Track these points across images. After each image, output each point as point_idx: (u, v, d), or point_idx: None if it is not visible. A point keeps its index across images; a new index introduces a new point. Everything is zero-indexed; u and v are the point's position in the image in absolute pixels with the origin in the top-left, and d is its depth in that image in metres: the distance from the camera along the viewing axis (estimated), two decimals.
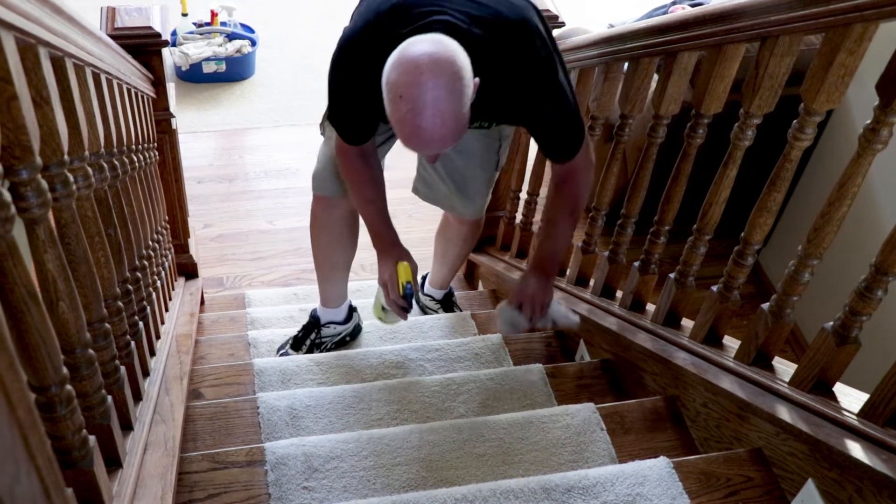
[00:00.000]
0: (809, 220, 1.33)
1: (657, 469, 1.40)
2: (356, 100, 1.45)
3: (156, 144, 2.03)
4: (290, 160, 3.59)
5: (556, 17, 2.16)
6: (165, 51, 1.96)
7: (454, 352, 2.00)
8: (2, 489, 0.44)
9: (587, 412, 1.61)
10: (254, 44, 4.09)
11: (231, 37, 4.08)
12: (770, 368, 1.49)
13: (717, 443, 1.54)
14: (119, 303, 1.24)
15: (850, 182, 1.25)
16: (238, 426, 1.63)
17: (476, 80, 1.27)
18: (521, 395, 1.78)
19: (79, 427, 0.96)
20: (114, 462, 1.13)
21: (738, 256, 1.52)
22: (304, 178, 2.12)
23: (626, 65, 1.86)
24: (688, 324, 1.73)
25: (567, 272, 2.20)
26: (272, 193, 3.44)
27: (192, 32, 4.06)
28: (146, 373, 1.46)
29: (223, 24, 4.11)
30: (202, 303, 2.56)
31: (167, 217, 2.18)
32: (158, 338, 1.67)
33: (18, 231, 0.77)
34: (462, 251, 2.26)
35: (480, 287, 2.81)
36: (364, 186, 1.64)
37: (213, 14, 4.09)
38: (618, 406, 1.65)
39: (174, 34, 4.01)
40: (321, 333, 2.12)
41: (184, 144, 2.45)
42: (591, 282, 2.10)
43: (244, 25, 4.21)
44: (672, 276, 1.71)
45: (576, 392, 1.82)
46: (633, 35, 1.73)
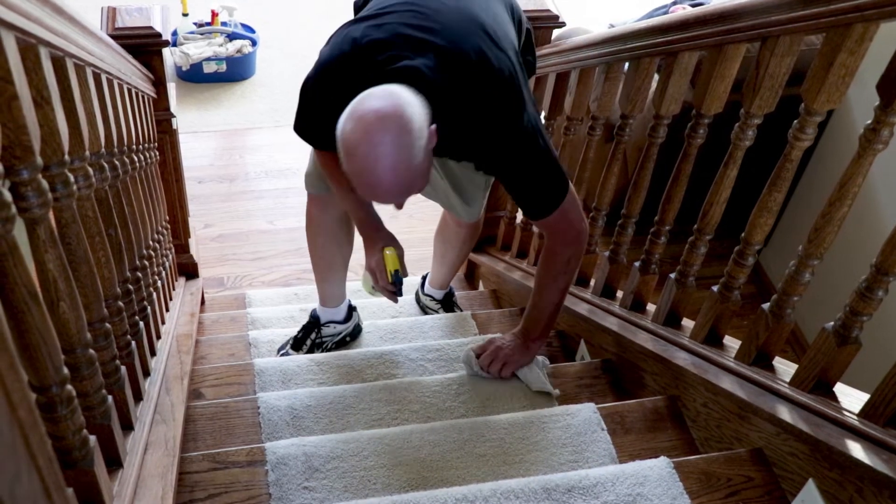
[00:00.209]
0: (810, 221, 1.33)
1: (658, 469, 1.40)
2: (322, 121, 1.44)
3: (156, 144, 2.03)
4: (291, 160, 3.59)
5: (557, 17, 2.16)
6: (166, 51, 1.96)
7: (455, 352, 2.00)
8: (2, 489, 0.44)
9: (588, 412, 1.61)
10: (254, 44, 4.09)
11: (232, 37, 4.08)
12: (771, 368, 1.49)
13: (718, 443, 1.54)
14: (120, 303, 1.24)
15: (851, 182, 1.25)
16: (239, 426, 1.63)
17: (432, 128, 1.28)
18: (522, 395, 1.78)
19: (79, 427, 0.96)
20: (114, 462, 1.13)
21: (739, 256, 1.52)
22: None
23: (627, 65, 1.86)
24: (688, 324, 1.73)
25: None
26: (273, 193, 3.44)
27: (193, 32, 4.07)
28: (147, 373, 1.46)
29: (224, 24, 4.12)
30: (203, 303, 2.56)
31: (168, 217, 2.19)
32: (159, 338, 1.67)
33: (19, 231, 0.77)
34: (461, 252, 2.26)
35: (481, 287, 2.81)
36: (342, 175, 1.64)
37: (214, 14, 4.09)
38: (618, 406, 1.65)
39: (175, 34, 4.01)
40: (321, 333, 2.12)
41: (184, 144, 2.45)
42: (592, 282, 2.10)
43: (245, 25, 4.21)
44: (672, 277, 1.71)
45: (576, 392, 1.82)
46: (634, 35, 1.73)
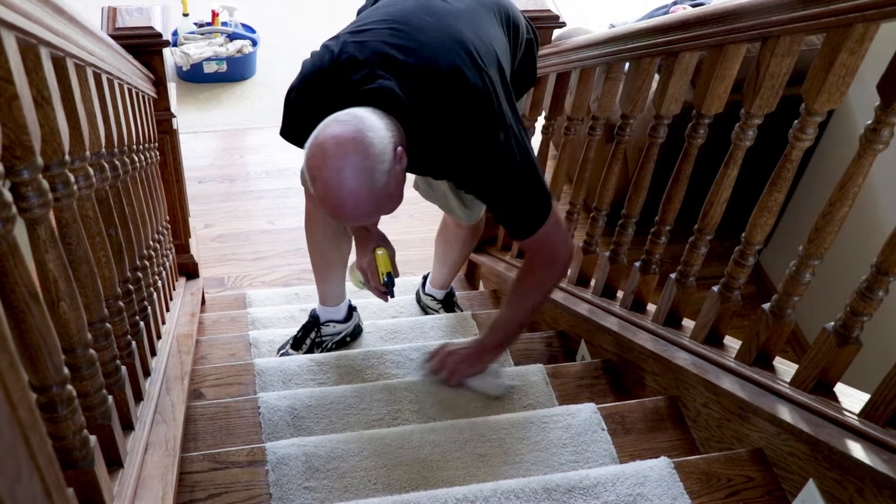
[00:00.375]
0: (810, 221, 1.33)
1: (658, 469, 1.40)
2: (303, 128, 1.44)
3: (157, 144, 2.03)
4: (291, 160, 3.58)
5: (557, 18, 2.16)
6: (166, 51, 1.96)
7: None
8: (3, 489, 0.44)
9: (588, 412, 1.61)
10: (255, 44, 4.09)
11: (232, 37, 4.08)
12: (771, 369, 1.49)
13: (718, 443, 1.54)
14: (120, 303, 1.24)
15: (852, 182, 1.25)
16: (239, 426, 1.63)
17: (399, 149, 1.30)
18: (522, 395, 1.78)
19: (80, 427, 0.96)
20: (115, 462, 1.13)
21: (739, 256, 1.52)
22: None
23: (628, 65, 1.86)
24: (689, 324, 1.73)
25: (568, 272, 2.20)
26: (273, 193, 3.44)
27: (193, 32, 4.07)
28: (147, 373, 1.46)
29: (224, 24, 4.12)
30: (203, 303, 2.56)
31: (168, 217, 2.19)
32: (159, 338, 1.67)
33: (19, 231, 0.77)
34: (462, 253, 2.26)
35: (481, 287, 2.81)
36: None
37: (214, 14, 4.09)
38: (619, 406, 1.65)
39: (175, 34, 4.01)
40: (321, 332, 2.12)
41: (185, 144, 2.45)
42: (592, 282, 2.10)
43: (245, 25, 4.21)
44: (673, 277, 1.71)
45: (577, 392, 1.82)
46: (635, 35, 1.73)
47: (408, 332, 2.22)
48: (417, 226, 3.16)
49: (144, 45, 1.85)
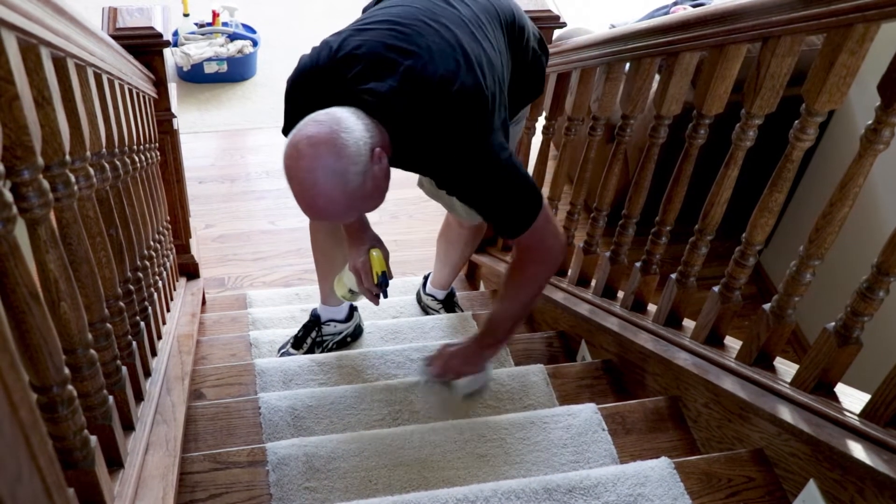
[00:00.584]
0: (811, 221, 1.33)
1: (659, 469, 1.40)
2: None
3: (157, 145, 2.03)
4: None
5: (557, 18, 2.16)
6: (167, 51, 1.96)
7: None
8: (3, 489, 0.44)
9: (588, 412, 1.61)
10: (255, 44, 4.09)
11: (233, 37, 4.08)
12: (771, 369, 1.49)
13: (719, 443, 1.54)
14: (121, 303, 1.24)
15: (852, 182, 1.25)
16: (240, 426, 1.63)
17: (377, 150, 1.30)
18: (523, 396, 1.78)
19: (80, 427, 0.96)
20: (115, 462, 1.13)
21: (740, 257, 1.52)
22: None
23: (628, 65, 1.86)
24: (689, 324, 1.73)
25: (569, 272, 2.20)
26: (274, 194, 3.44)
27: (194, 33, 4.07)
28: (148, 373, 1.46)
29: (225, 25, 4.12)
30: (204, 303, 2.56)
31: (169, 217, 2.19)
32: (160, 338, 1.67)
33: (20, 231, 0.77)
34: (464, 253, 2.26)
35: (482, 287, 2.81)
36: None
37: (215, 14, 4.09)
38: (619, 406, 1.65)
39: (176, 34, 4.01)
40: (322, 332, 2.13)
41: (185, 145, 2.45)
42: (593, 282, 2.10)
43: (246, 26, 4.21)
44: (673, 277, 1.71)
45: (577, 392, 1.82)
46: (635, 35, 1.73)
47: (408, 333, 2.22)
48: (418, 226, 3.16)
49: (145, 46, 1.85)
